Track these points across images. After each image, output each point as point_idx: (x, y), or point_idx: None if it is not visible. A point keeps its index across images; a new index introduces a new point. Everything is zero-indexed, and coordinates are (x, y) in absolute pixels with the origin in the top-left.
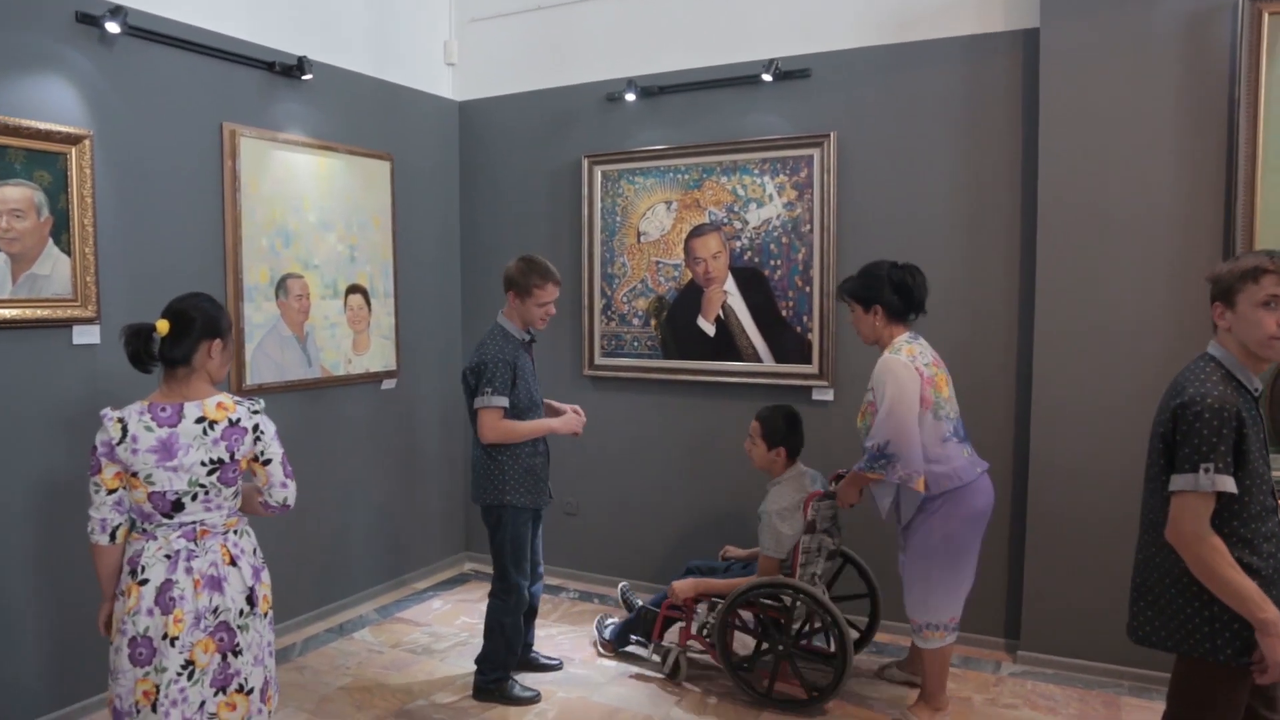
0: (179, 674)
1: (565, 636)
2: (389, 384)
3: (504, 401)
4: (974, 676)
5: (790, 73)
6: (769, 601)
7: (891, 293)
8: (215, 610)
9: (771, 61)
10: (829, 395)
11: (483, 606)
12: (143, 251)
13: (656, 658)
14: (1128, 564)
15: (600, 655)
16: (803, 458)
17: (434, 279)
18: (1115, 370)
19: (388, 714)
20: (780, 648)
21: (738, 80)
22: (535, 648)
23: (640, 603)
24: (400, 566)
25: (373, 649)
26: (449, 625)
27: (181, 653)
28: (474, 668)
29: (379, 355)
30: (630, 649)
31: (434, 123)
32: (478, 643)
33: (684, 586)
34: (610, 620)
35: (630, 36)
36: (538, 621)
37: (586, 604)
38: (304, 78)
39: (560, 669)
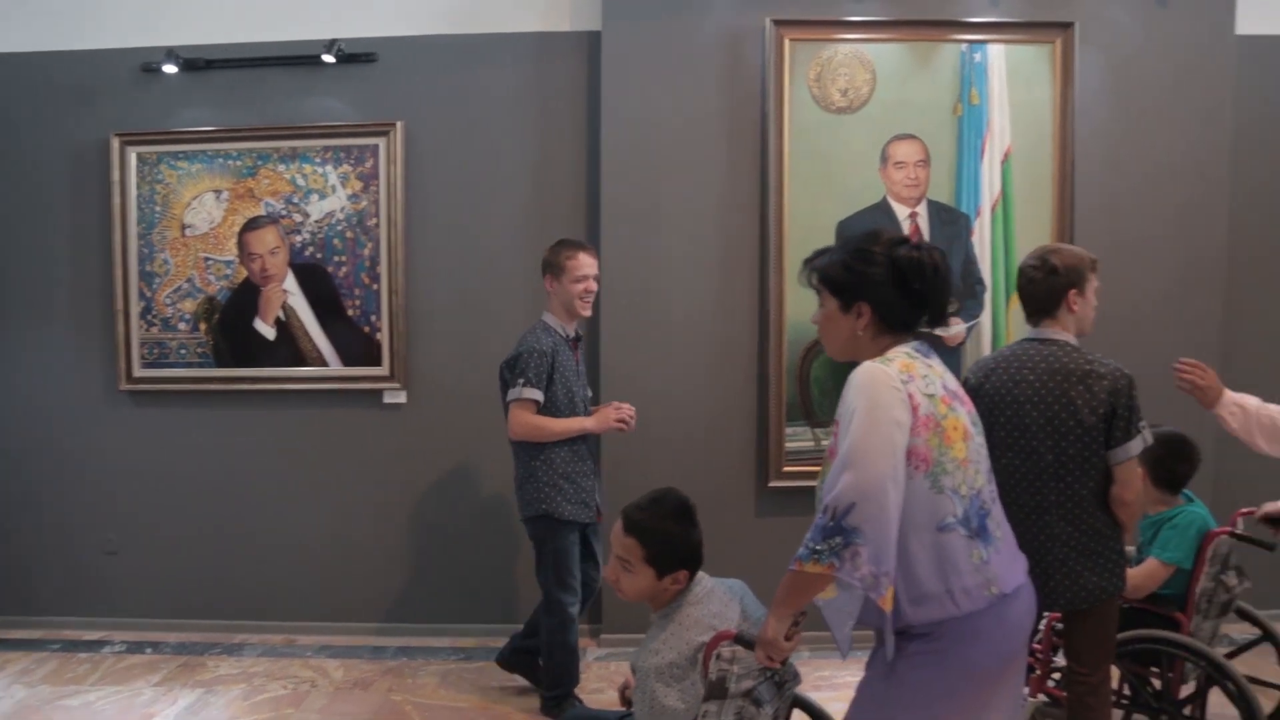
0: None
1: (108, 701)
2: None
3: (537, 395)
4: None
5: (354, 55)
6: None
7: (894, 288)
8: None
9: (333, 42)
10: (401, 398)
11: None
12: None
13: None
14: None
15: None
16: (366, 473)
17: None
18: (671, 354)
19: None
20: None
21: (297, 60)
22: None
23: None
24: None
25: None
26: None
27: None
28: None
29: None
30: None
31: None
32: None
33: None
34: None
35: None
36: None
37: (137, 656)
38: None
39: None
